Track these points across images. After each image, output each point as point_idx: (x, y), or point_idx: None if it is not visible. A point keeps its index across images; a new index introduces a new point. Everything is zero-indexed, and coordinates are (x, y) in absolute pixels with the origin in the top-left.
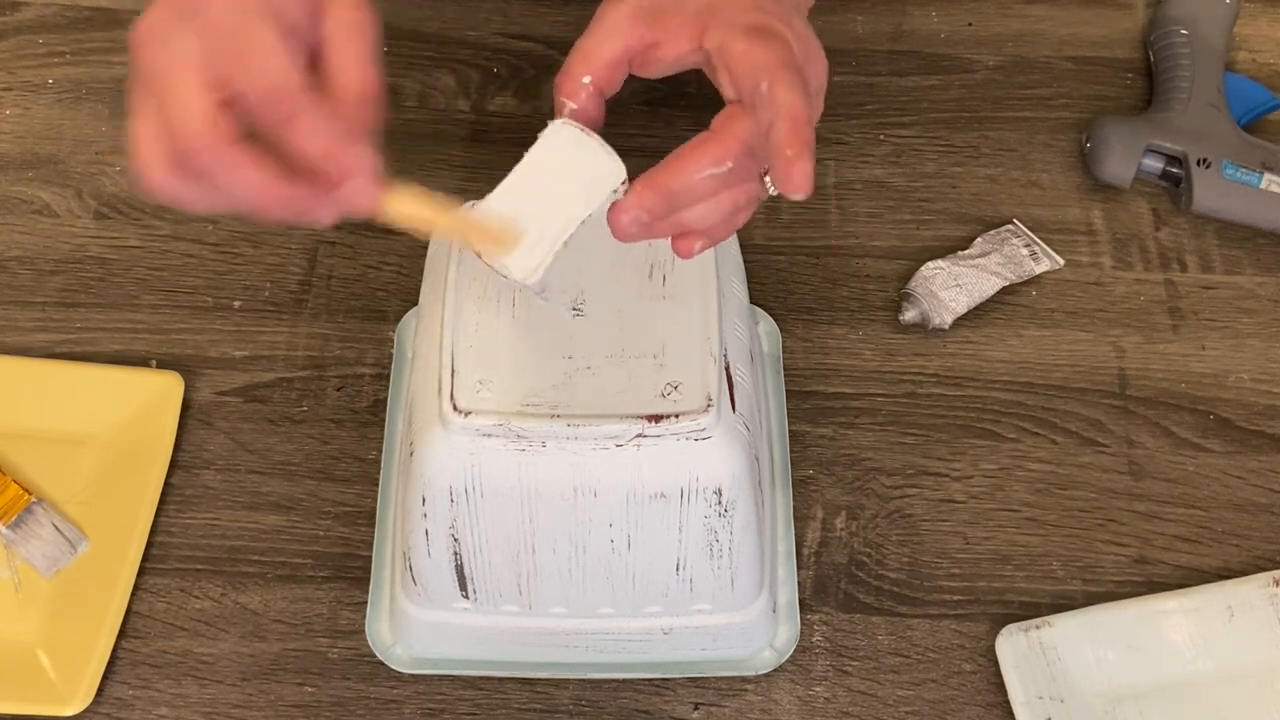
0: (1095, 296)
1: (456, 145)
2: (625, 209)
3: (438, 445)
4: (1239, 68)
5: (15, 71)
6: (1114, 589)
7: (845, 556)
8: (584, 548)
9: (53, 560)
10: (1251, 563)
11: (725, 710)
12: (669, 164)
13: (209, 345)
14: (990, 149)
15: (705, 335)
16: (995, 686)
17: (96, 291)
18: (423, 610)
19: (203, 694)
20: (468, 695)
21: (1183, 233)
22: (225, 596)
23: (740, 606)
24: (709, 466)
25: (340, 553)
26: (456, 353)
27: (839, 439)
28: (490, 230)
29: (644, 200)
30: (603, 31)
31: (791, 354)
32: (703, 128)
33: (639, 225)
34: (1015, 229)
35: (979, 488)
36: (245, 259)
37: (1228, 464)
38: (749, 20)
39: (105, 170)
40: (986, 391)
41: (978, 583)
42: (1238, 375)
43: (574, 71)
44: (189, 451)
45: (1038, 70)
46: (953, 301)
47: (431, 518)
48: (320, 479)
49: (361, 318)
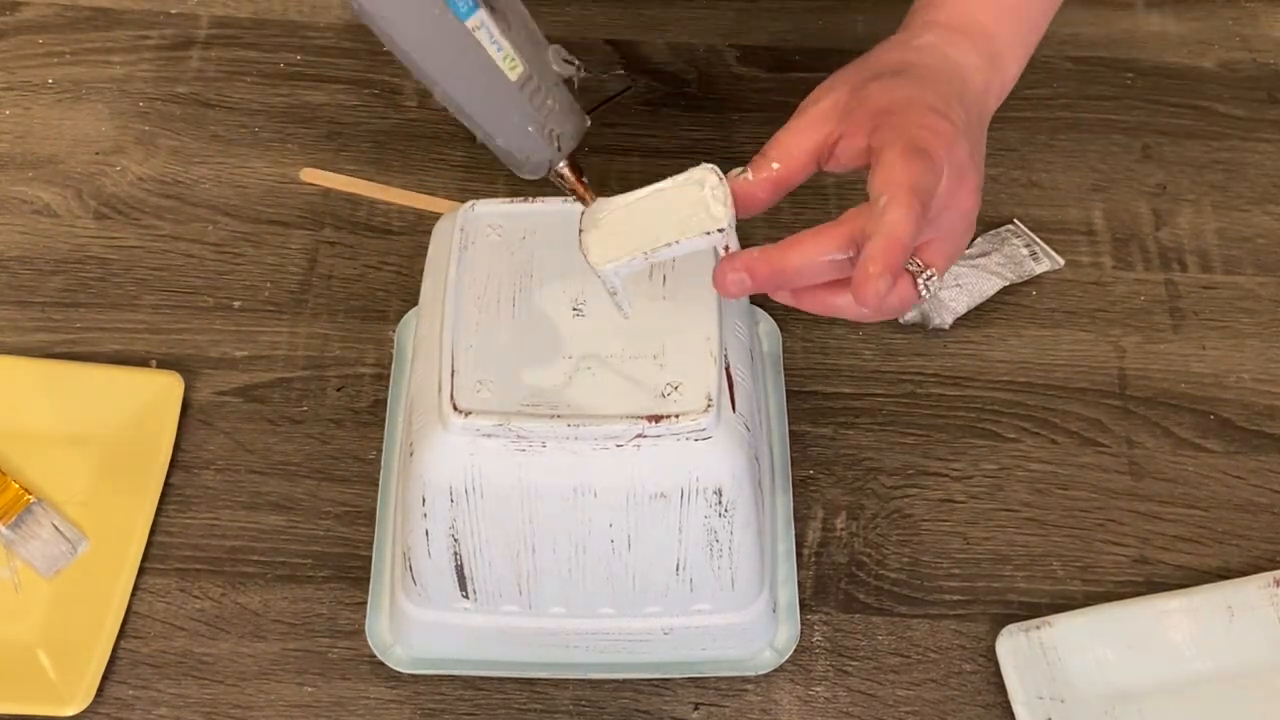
0: (1095, 296)
1: (457, 145)
2: (734, 269)
3: (438, 445)
4: (1239, 67)
5: (15, 71)
6: (1114, 589)
7: (845, 556)
8: (584, 548)
9: (53, 560)
10: (1251, 563)
11: (725, 710)
12: (791, 244)
13: (209, 345)
14: (990, 149)
15: (705, 335)
16: (995, 686)
17: (96, 291)
18: (423, 610)
19: (203, 694)
20: (468, 695)
21: (1183, 233)
22: (225, 596)
23: (740, 606)
24: (709, 466)
25: (340, 553)
26: (456, 353)
27: (839, 439)
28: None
29: (757, 270)
30: (799, 125)
31: (791, 354)
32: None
33: (741, 287)
34: (1015, 229)
35: (979, 488)
36: (245, 259)
37: (1228, 464)
38: (913, 135)
39: (105, 170)
40: (986, 391)
41: (978, 583)
42: (1238, 375)
43: (767, 155)
44: (189, 451)
45: (1038, 70)
46: (953, 301)
47: (431, 518)
48: (320, 479)
49: (361, 318)
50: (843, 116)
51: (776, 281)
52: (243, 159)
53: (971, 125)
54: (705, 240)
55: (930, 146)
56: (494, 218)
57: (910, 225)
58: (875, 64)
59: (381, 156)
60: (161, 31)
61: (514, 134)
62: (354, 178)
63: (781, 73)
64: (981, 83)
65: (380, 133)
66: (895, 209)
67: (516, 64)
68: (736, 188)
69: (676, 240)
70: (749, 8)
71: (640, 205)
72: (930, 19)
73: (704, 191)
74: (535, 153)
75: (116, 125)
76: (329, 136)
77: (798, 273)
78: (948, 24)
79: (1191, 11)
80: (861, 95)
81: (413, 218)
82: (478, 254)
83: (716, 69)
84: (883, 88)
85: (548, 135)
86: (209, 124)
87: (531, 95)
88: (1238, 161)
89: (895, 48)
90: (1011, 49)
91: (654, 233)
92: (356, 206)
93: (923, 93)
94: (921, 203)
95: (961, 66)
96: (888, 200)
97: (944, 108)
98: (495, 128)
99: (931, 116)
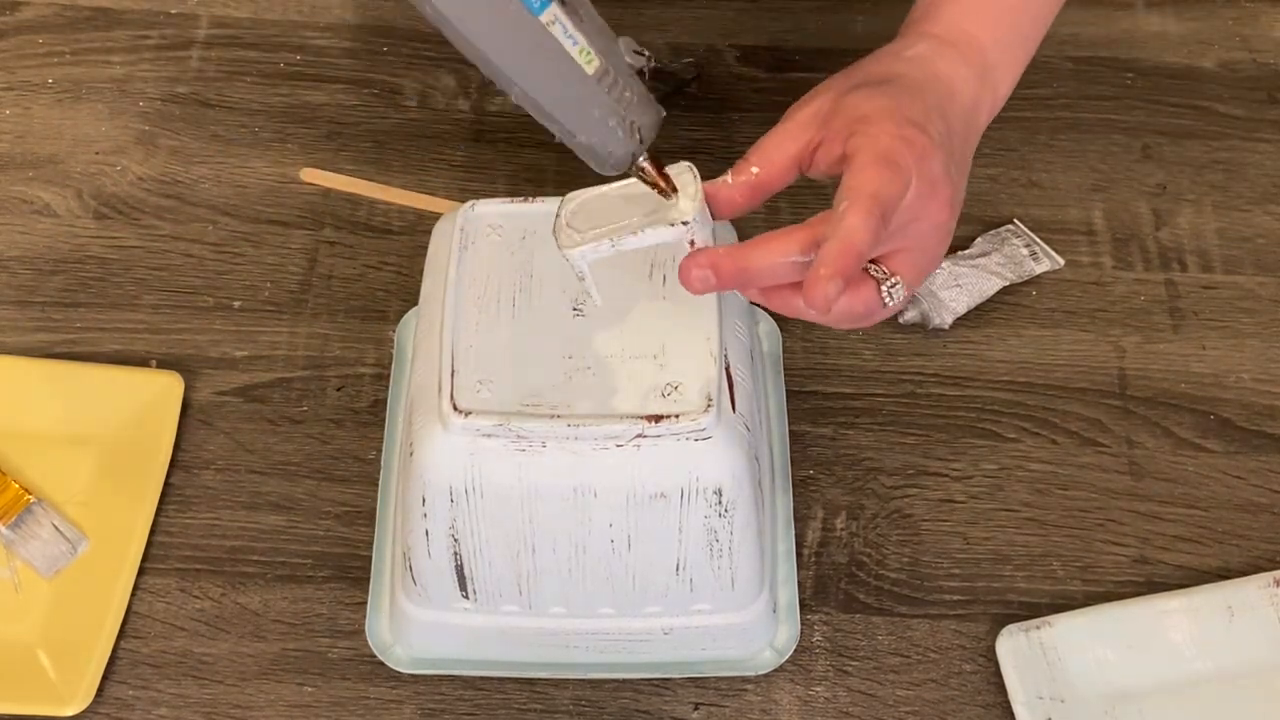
0: (1095, 296)
1: (456, 145)
2: (699, 264)
3: (438, 445)
4: (1239, 67)
5: (15, 71)
6: (1114, 589)
7: (845, 556)
8: (584, 548)
9: (53, 560)
10: (1251, 563)
11: (725, 710)
12: (756, 243)
13: (209, 345)
14: (990, 149)
15: (705, 335)
16: (995, 686)
17: (96, 291)
18: (423, 610)
19: (203, 694)
20: (468, 695)
21: (1183, 233)
22: (225, 596)
23: (740, 606)
24: (709, 466)
25: (340, 553)
26: (456, 353)
27: (839, 439)
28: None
29: (721, 267)
30: (781, 131)
31: (791, 354)
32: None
33: (705, 284)
34: (1015, 229)
35: (979, 488)
36: (245, 259)
37: (1228, 464)
38: (884, 145)
39: (105, 170)
40: (986, 391)
41: (978, 583)
42: (1238, 375)
43: (748, 160)
44: (189, 451)
45: (1038, 70)
46: (953, 301)
47: (431, 518)
48: (320, 479)
49: (361, 318)
50: (823, 124)
51: (740, 280)
52: (243, 159)
53: (953, 138)
54: (671, 232)
55: (899, 156)
56: (494, 218)
57: (866, 232)
58: (862, 73)
59: (381, 156)
60: (161, 31)
61: (596, 129)
62: (354, 178)
63: (781, 73)
64: (970, 96)
65: (380, 133)
66: (853, 215)
67: (592, 57)
68: (713, 189)
69: (642, 230)
70: (749, 8)
71: (613, 196)
72: (925, 29)
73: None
74: (618, 146)
75: (116, 125)
76: (329, 136)
77: (761, 272)
78: (942, 35)
79: (1191, 11)
80: (843, 103)
81: (413, 218)
82: (478, 254)
83: (716, 69)
84: (863, 96)
85: (628, 128)
86: (209, 124)
87: (610, 88)
88: (1238, 161)
89: (885, 58)
90: (1004, 62)
91: (622, 222)
92: (356, 206)
93: (902, 103)
94: (882, 211)
95: (950, 79)
96: (847, 206)
97: (922, 119)
98: (577, 124)
99: (907, 127)
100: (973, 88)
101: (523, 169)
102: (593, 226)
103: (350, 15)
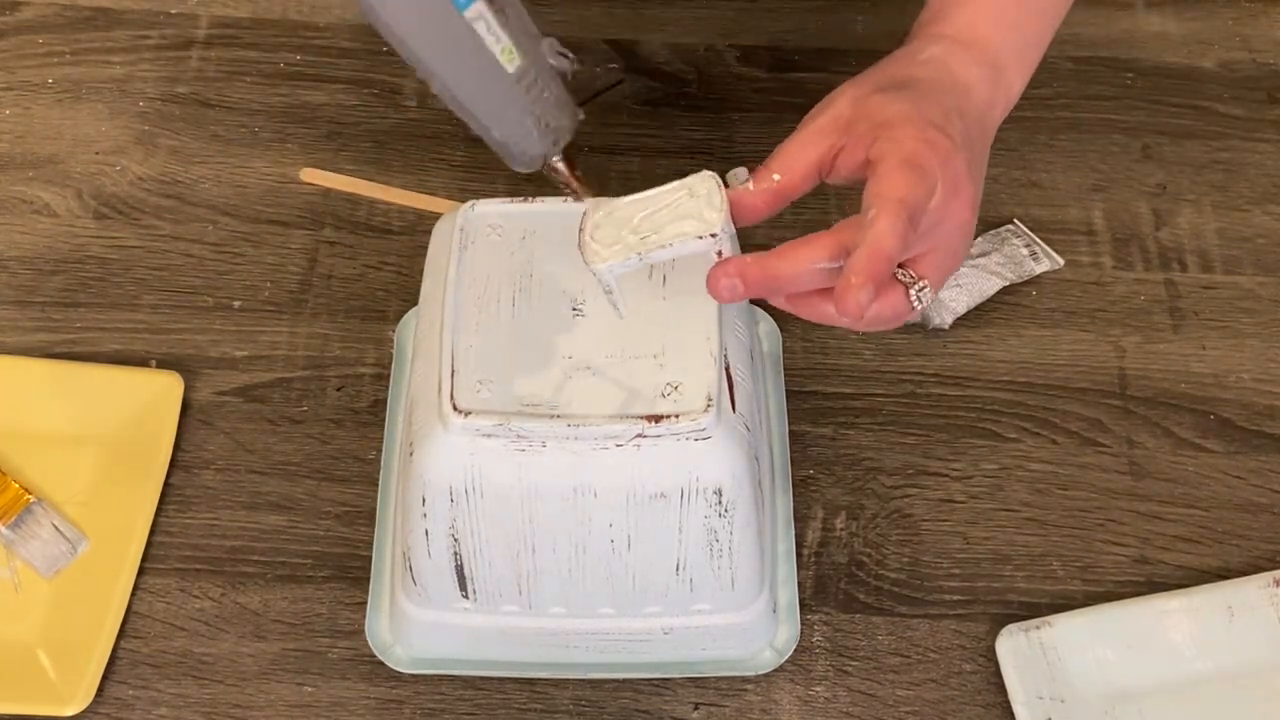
0: (1095, 296)
1: (456, 145)
2: (727, 273)
3: (438, 445)
4: (1239, 67)
5: (15, 71)
6: (1114, 589)
7: (845, 556)
8: (584, 548)
9: (53, 560)
10: (1251, 563)
11: (725, 710)
12: (782, 251)
13: (209, 345)
14: (990, 149)
15: (705, 335)
16: (995, 686)
17: (96, 291)
18: (423, 610)
19: (203, 694)
20: (468, 695)
21: (1183, 233)
22: (225, 596)
23: (740, 606)
24: (709, 466)
25: (340, 553)
26: (456, 353)
27: (839, 439)
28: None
29: (749, 275)
30: (801, 137)
31: (791, 354)
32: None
33: (733, 293)
34: (1015, 229)
35: (979, 488)
36: (245, 259)
37: (1228, 464)
38: (909, 149)
39: (105, 170)
40: (986, 391)
41: (978, 583)
42: (1238, 375)
43: (769, 166)
44: (189, 451)
45: (1038, 70)
46: (953, 301)
47: (431, 518)
48: (320, 479)
49: (361, 318)
50: (844, 129)
51: (768, 288)
52: (243, 159)
53: (971, 139)
54: (698, 244)
55: (924, 160)
56: (494, 218)
57: (896, 237)
58: (879, 77)
59: (381, 156)
60: (161, 31)
61: (510, 126)
62: (354, 178)
63: (781, 73)
64: (985, 96)
65: (380, 133)
66: (882, 220)
67: (514, 56)
68: (735, 196)
69: (670, 243)
70: (749, 8)
71: (638, 207)
72: (937, 31)
73: (701, 197)
74: (530, 146)
75: (116, 125)
76: (329, 136)
77: (789, 280)
78: (954, 36)
79: (1191, 11)
80: (863, 109)
81: (413, 218)
82: (478, 254)
83: (716, 69)
84: (884, 101)
85: (543, 128)
86: (209, 124)
87: (528, 88)
88: (1238, 161)
89: (900, 61)
90: (1015, 62)
91: (649, 234)
92: (356, 206)
93: (923, 107)
94: (910, 215)
95: (964, 80)
96: (876, 212)
97: (943, 122)
98: (492, 120)
99: (930, 130)
100: (987, 88)
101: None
102: (616, 239)
103: (350, 15)
